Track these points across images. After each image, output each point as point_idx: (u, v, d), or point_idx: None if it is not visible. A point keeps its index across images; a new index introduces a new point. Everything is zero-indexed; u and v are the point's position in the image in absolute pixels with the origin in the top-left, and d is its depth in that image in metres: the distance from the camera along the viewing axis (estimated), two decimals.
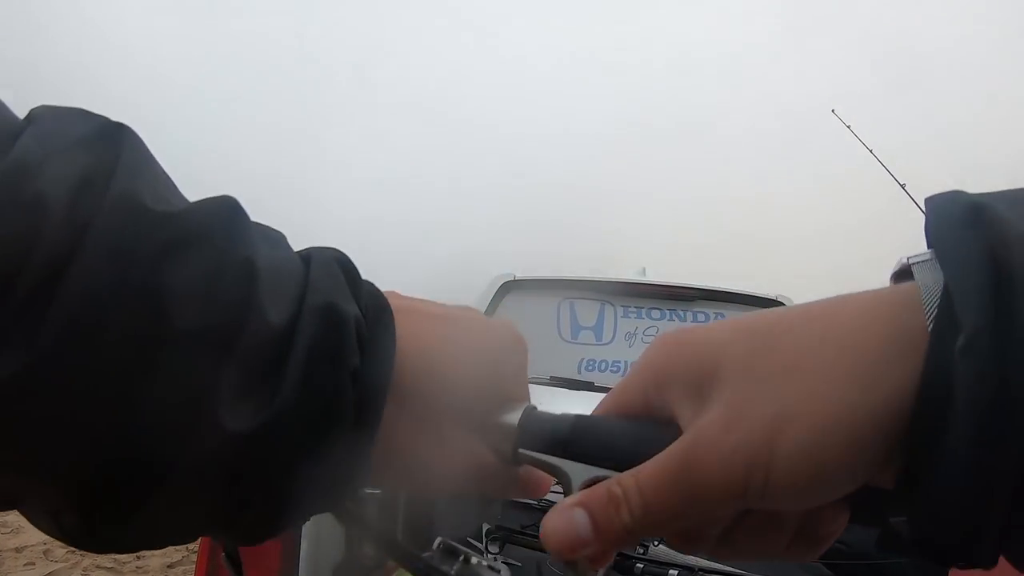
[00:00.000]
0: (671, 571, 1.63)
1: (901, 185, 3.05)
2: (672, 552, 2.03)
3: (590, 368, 4.07)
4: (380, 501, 1.55)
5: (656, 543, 2.06)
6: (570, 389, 3.30)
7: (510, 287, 4.01)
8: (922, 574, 1.90)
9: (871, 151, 3.25)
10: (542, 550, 2.08)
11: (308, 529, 1.44)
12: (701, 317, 4.16)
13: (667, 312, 4.15)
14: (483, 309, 3.94)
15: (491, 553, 1.99)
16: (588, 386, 3.45)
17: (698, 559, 1.88)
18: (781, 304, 4.07)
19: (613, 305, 4.15)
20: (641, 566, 1.66)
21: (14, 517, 5.26)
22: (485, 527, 2.06)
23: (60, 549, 4.74)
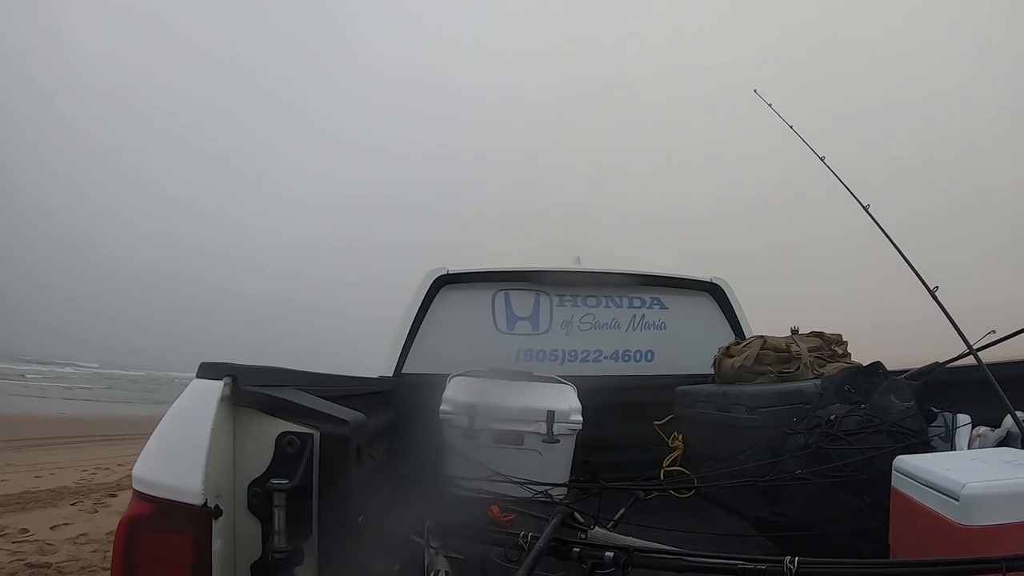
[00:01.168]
0: (607, 553, 1.64)
1: (820, 158, 3.18)
2: (609, 535, 2.05)
3: (528, 358, 4.08)
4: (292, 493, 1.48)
5: (593, 526, 2.08)
6: (510, 380, 3.29)
7: (444, 281, 3.97)
8: (861, 541, 1.97)
9: (791, 127, 3.36)
10: (484, 543, 2.05)
11: (220, 526, 1.38)
12: (637, 303, 4.21)
13: (603, 299, 4.19)
14: (417, 304, 3.91)
15: (433, 547, 1.98)
16: (527, 376, 3.45)
17: (634, 540, 1.90)
18: (717, 287, 4.20)
19: (548, 295, 4.17)
20: (578, 550, 1.67)
21: None
22: (427, 522, 2.04)
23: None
